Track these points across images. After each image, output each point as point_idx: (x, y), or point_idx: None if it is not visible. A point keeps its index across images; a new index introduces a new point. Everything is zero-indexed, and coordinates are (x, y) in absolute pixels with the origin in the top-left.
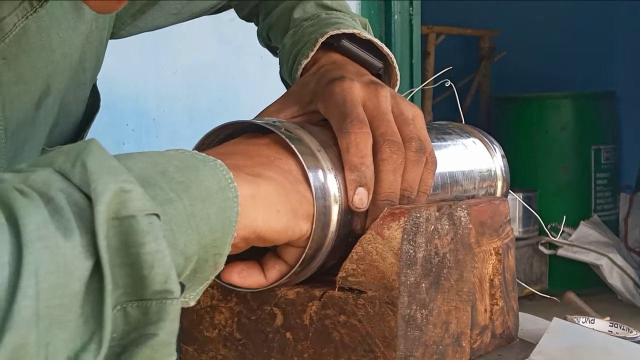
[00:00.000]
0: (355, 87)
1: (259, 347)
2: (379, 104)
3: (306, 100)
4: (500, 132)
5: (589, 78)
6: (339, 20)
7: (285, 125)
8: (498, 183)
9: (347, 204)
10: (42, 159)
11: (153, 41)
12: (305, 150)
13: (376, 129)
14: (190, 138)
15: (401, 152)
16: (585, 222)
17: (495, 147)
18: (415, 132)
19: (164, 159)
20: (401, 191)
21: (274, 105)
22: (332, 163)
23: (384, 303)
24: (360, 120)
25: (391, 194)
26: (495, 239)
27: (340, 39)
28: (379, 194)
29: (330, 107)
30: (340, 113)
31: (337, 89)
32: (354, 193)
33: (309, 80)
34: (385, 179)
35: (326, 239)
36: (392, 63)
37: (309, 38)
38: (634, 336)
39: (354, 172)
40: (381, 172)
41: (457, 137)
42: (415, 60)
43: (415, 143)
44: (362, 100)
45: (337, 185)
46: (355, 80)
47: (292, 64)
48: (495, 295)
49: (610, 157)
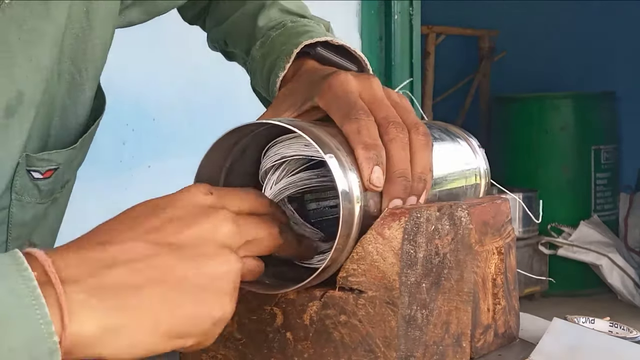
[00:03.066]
0: (350, 79)
1: (259, 347)
2: (375, 92)
3: (299, 101)
4: (500, 132)
5: (589, 78)
6: (307, 29)
7: (299, 124)
8: (482, 181)
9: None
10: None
11: (153, 41)
12: (325, 147)
13: (377, 114)
14: (190, 138)
15: (405, 132)
16: (585, 222)
17: (477, 146)
18: (417, 118)
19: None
20: (417, 174)
21: (265, 115)
22: (351, 161)
23: (385, 303)
24: (365, 110)
25: (405, 170)
26: (497, 238)
27: (314, 47)
28: (393, 172)
29: (330, 99)
30: (343, 104)
31: (335, 82)
32: (371, 171)
33: (295, 86)
34: (397, 156)
35: (349, 239)
36: (366, 65)
37: (282, 49)
38: (634, 336)
39: (370, 150)
40: (391, 150)
41: (445, 136)
42: (415, 60)
43: (421, 127)
44: (357, 91)
45: (358, 182)
46: (348, 73)
47: (267, 75)
48: (498, 294)
49: (610, 157)
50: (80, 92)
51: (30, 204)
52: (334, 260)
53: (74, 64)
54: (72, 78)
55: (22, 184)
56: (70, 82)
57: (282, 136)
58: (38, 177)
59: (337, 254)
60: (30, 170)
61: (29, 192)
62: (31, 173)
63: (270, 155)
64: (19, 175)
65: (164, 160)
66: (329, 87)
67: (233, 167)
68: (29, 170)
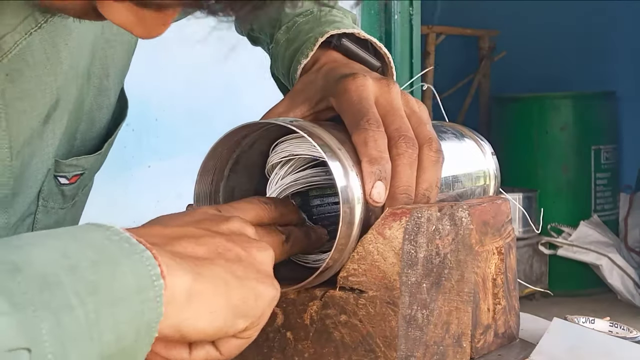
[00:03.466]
0: (368, 84)
1: (259, 346)
2: (392, 100)
3: (315, 98)
4: (500, 132)
5: (589, 78)
6: (335, 19)
7: (302, 124)
8: (491, 182)
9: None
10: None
11: (153, 41)
12: (327, 150)
13: (390, 124)
14: (190, 138)
15: (415, 147)
16: (585, 222)
17: (486, 146)
18: (432, 132)
19: (78, 247)
20: (422, 190)
21: (281, 105)
22: (353, 162)
23: (385, 303)
24: (376, 120)
25: (408, 187)
26: (498, 238)
27: (340, 38)
28: (397, 188)
29: (344, 103)
30: (355, 111)
31: (351, 86)
32: (372, 186)
33: (314, 78)
34: (402, 172)
35: (350, 239)
36: (390, 63)
37: (307, 37)
38: (634, 336)
39: (375, 164)
40: (398, 166)
41: (453, 137)
42: (415, 60)
43: (435, 144)
44: (374, 96)
45: (359, 185)
46: (367, 76)
47: (289, 62)
48: (498, 294)
49: (610, 157)
50: (105, 97)
51: (54, 210)
52: (334, 260)
53: (103, 68)
54: (100, 82)
55: (49, 190)
56: (98, 86)
57: (291, 134)
58: (64, 183)
59: (338, 254)
60: (57, 176)
61: (53, 198)
62: (58, 179)
63: (278, 151)
64: (47, 180)
65: (164, 160)
66: (345, 90)
67: (240, 159)
68: (56, 176)
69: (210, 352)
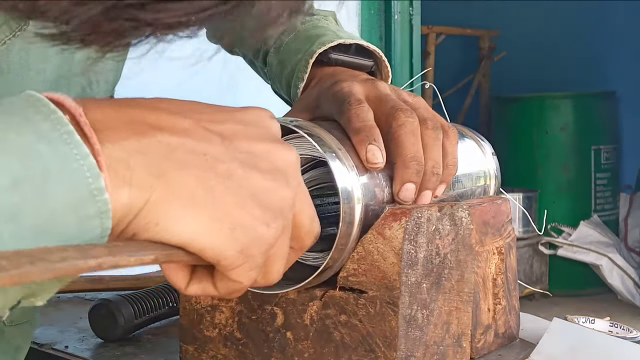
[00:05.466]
0: (354, 85)
1: (259, 346)
2: (380, 92)
3: (313, 106)
4: (500, 132)
5: (589, 78)
6: (318, 31)
7: (302, 124)
8: (491, 182)
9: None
10: None
11: None
12: (327, 149)
13: (384, 106)
14: None
15: (415, 117)
16: (585, 222)
17: (486, 146)
18: (425, 113)
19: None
20: (429, 168)
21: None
22: (353, 162)
23: (385, 303)
24: (357, 99)
25: (417, 154)
26: (498, 238)
27: (327, 53)
28: (404, 157)
29: (333, 103)
30: (338, 103)
31: (337, 88)
32: (365, 151)
33: (311, 92)
34: (406, 141)
35: (350, 239)
36: (381, 57)
37: (297, 58)
38: (634, 336)
39: (361, 133)
40: (400, 136)
41: None
42: (415, 60)
43: (430, 122)
44: (364, 94)
45: (359, 185)
46: (354, 81)
47: (286, 84)
48: (498, 294)
49: (610, 157)
50: None
51: None
52: (334, 260)
53: (85, 77)
54: (82, 91)
55: None
56: (80, 94)
57: (292, 134)
58: None
59: (337, 254)
60: None
61: None
62: None
63: None
64: None
65: None
66: (333, 93)
67: None
68: None
69: (206, 288)
